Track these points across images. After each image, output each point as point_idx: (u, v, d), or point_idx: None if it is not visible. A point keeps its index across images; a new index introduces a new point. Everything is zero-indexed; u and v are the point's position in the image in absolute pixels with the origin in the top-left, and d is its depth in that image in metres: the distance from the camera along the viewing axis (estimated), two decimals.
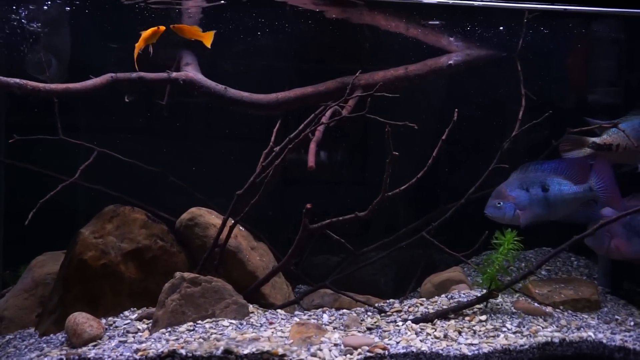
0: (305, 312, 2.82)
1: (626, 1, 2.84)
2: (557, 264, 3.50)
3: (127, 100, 2.84)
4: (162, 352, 2.12)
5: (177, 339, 2.25)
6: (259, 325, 2.49)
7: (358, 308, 2.84)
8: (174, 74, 2.90)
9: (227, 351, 2.13)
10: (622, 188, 2.85)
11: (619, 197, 2.76)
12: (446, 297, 2.80)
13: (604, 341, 2.37)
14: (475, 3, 2.57)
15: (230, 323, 2.45)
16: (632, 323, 2.72)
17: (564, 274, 3.40)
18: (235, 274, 2.86)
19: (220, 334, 2.32)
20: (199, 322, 2.44)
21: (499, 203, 2.82)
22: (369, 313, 2.75)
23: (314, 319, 2.66)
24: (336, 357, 2.18)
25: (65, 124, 2.85)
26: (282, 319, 2.62)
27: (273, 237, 3.26)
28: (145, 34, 2.58)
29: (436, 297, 2.83)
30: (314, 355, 2.18)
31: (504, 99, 3.05)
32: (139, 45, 2.60)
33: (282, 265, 2.83)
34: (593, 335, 2.40)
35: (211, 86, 2.95)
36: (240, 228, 3.09)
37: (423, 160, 2.60)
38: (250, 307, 2.74)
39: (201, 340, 2.25)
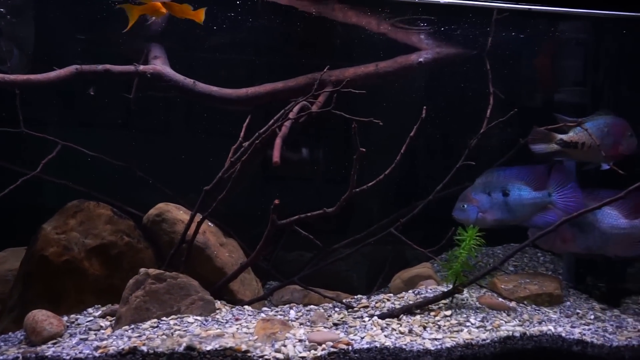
0: (272, 308, 2.82)
1: (591, 2, 2.90)
2: (524, 260, 3.57)
3: (91, 93, 2.78)
4: (122, 349, 2.09)
5: (139, 336, 2.22)
6: (225, 321, 2.48)
7: (326, 304, 2.85)
8: (142, 67, 2.85)
9: (189, 347, 2.11)
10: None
11: (580, 202, 2.86)
12: (413, 292, 2.83)
13: (563, 334, 2.42)
14: (442, 0, 2.58)
15: (196, 319, 2.43)
16: (592, 317, 2.78)
17: (531, 269, 3.47)
18: (203, 270, 2.83)
19: (184, 331, 2.30)
20: (164, 318, 2.41)
21: (464, 206, 2.99)
22: (337, 309, 2.75)
23: (280, 315, 2.66)
24: (300, 352, 2.18)
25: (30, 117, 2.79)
26: (248, 315, 2.61)
27: (250, 233, 3.24)
28: (156, 4, 2.47)
29: (403, 292, 2.85)
30: (278, 351, 2.18)
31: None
32: (143, 9, 2.48)
33: (250, 262, 2.81)
34: (553, 329, 2.45)
35: (179, 80, 2.91)
36: (209, 224, 3.06)
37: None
38: (218, 303, 2.73)
39: (164, 336, 2.22)
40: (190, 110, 3.44)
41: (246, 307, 2.75)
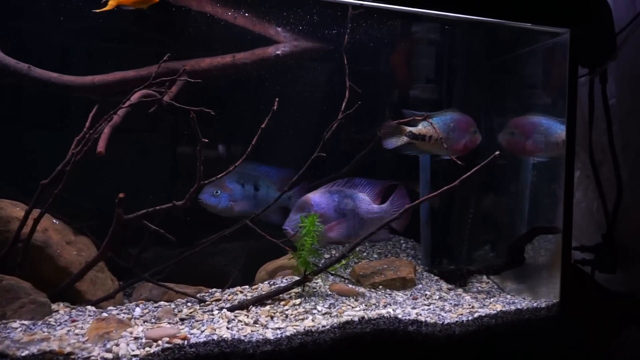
0: (118, 307, 2.69)
1: (444, 5, 3.09)
2: (388, 247, 3.77)
3: None
4: None
5: None
6: (58, 324, 2.32)
7: (180, 299, 2.78)
8: None
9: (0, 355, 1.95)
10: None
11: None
12: (268, 283, 2.85)
13: (400, 316, 2.56)
14: None
15: (22, 324, 2.25)
16: (437, 297, 3.00)
17: (393, 255, 3.66)
18: (44, 271, 2.63)
19: (3, 337, 2.11)
20: None
21: (217, 192, 3.01)
22: (189, 304, 2.70)
23: (124, 313, 2.55)
24: (133, 350, 2.10)
25: None
26: (89, 315, 2.47)
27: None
28: None
29: (259, 284, 2.87)
30: (108, 351, 2.08)
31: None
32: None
33: (96, 260, 2.66)
34: (392, 312, 2.58)
35: (10, 64, 2.66)
36: (55, 221, 2.85)
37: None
38: (60, 305, 2.56)
39: None
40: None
41: (90, 307, 2.60)
